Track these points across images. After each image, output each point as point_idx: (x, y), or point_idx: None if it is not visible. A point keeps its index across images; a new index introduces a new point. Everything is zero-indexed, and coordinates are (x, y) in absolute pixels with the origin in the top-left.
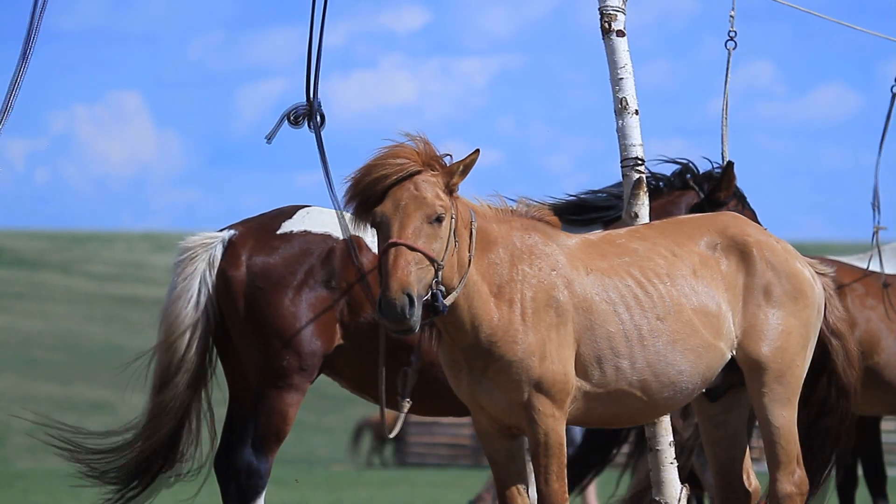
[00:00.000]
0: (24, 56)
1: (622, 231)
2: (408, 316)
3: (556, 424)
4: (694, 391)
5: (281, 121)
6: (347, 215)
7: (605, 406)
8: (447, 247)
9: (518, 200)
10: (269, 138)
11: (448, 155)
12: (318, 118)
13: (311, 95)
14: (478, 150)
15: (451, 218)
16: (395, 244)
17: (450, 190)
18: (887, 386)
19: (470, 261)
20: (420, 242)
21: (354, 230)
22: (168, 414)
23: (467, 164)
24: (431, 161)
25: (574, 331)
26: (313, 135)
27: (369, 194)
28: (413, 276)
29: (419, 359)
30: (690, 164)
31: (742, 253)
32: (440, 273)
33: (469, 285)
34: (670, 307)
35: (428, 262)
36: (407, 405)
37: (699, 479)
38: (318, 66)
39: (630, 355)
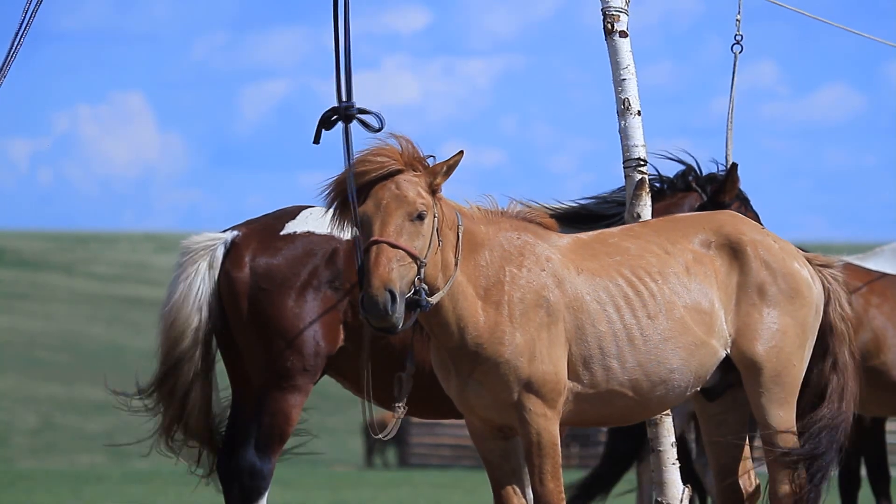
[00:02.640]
0: (11, 51)
1: (615, 230)
2: (390, 312)
3: (549, 424)
4: (687, 389)
5: (321, 124)
6: (329, 215)
7: (597, 407)
8: (430, 245)
9: (511, 201)
10: (316, 140)
11: (431, 156)
12: (353, 120)
13: (345, 97)
14: (461, 152)
15: (434, 217)
16: (377, 242)
17: (432, 190)
18: (893, 386)
19: (456, 263)
20: (402, 240)
21: (336, 230)
22: (178, 400)
23: (450, 165)
24: (414, 161)
25: (565, 330)
26: (343, 137)
27: (350, 191)
28: (395, 272)
29: (413, 363)
30: (693, 166)
31: (736, 251)
32: (423, 271)
33: (454, 287)
34: (661, 305)
35: (410, 260)
36: (402, 410)
37: (701, 481)
38: (349, 67)
39: (620, 355)
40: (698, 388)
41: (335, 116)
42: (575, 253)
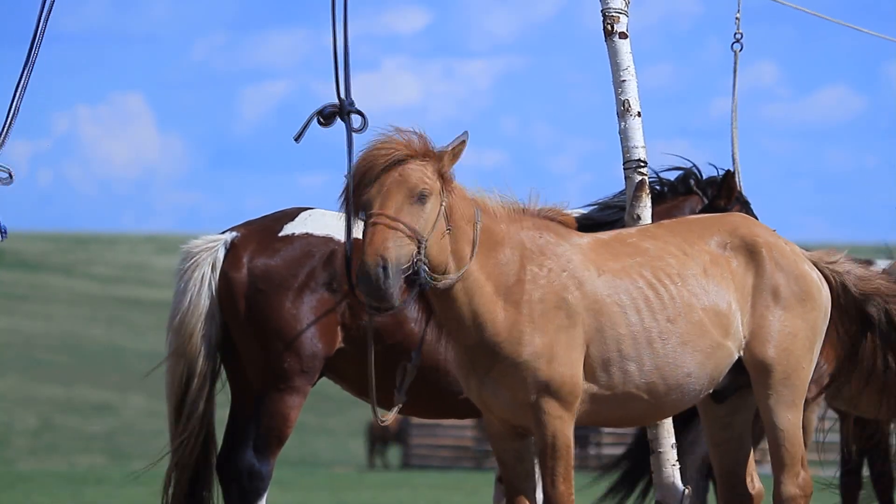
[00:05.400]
0: (29, 60)
1: (632, 230)
2: (383, 286)
3: (564, 426)
4: (701, 392)
5: (310, 119)
6: (340, 205)
7: (612, 408)
8: (433, 227)
9: (530, 197)
10: (298, 138)
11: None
12: (351, 117)
13: (344, 94)
14: (465, 133)
15: (442, 203)
16: (375, 217)
17: (441, 176)
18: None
19: (472, 255)
20: (402, 217)
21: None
22: (194, 419)
23: (455, 149)
24: (421, 151)
25: (584, 332)
26: (346, 133)
27: (359, 184)
28: (391, 247)
29: (419, 355)
30: (693, 169)
31: (751, 253)
32: (423, 249)
33: (470, 282)
34: (681, 308)
35: (409, 239)
36: (401, 399)
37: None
38: (347, 65)
39: (638, 358)
40: (710, 391)
41: (332, 112)
42: (596, 253)
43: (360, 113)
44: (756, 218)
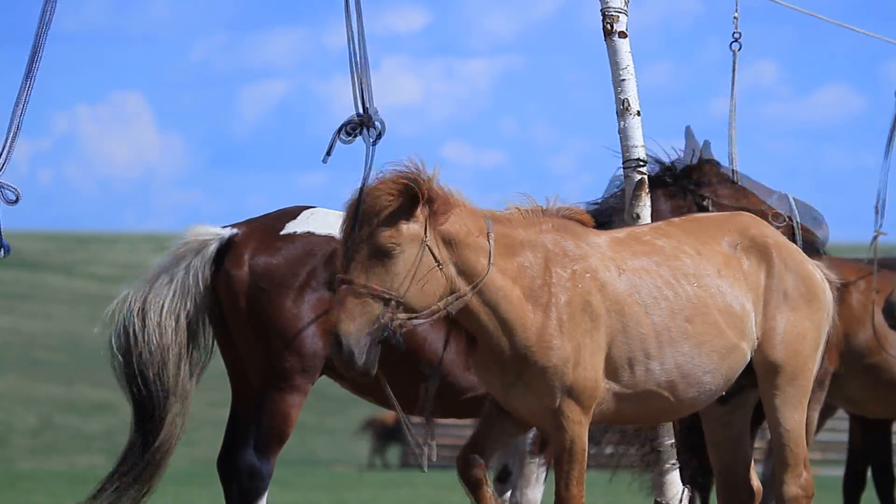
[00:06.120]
0: (30, 73)
1: (645, 228)
2: (351, 363)
3: (582, 431)
4: (717, 391)
5: (336, 135)
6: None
7: (633, 406)
8: (411, 275)
9: (548, 199)
10: (327, 155)
11: (431, 176)
12: (375, 128)
13: (364, 105)
14: (436, 169)
15: (424, 243)
16: (338, 280)
17: (429, 214)
18: (894, 385)
19: (489, 266)
20: (369, 281)
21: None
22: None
23: (431, 190)
24: (406, 197)
25: (606, 334)
26: (368, 146)
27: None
28: (356, 319)
29: (438, 375)
30: (669, 164)
31: (762, 254)
32: (393, 305)
33: (493, 292)
34: (698, 308)
35: (375, 300)
36: (430, 421)
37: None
38: (367, 74)
39: (660, 356)
40: (724, 392)
41: (357, 125)
42: (615, 252)
43: (375, 125)
44: (733, 174)
